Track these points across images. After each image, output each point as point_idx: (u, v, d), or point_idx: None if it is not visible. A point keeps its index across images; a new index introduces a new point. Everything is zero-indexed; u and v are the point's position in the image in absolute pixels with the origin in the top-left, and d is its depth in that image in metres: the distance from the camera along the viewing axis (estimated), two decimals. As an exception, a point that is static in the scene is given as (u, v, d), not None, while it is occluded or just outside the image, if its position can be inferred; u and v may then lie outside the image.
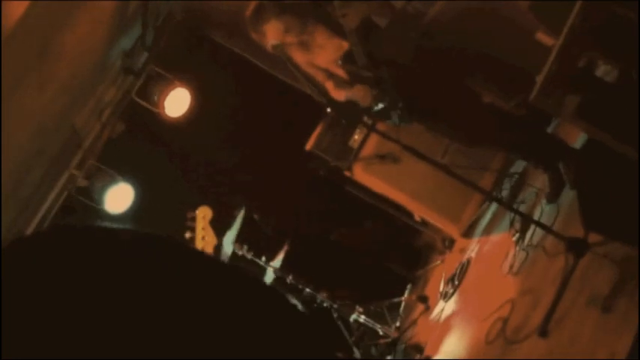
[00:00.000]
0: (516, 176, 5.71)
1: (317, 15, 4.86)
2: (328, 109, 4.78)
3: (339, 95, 4.76)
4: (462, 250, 6.10)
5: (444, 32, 4.82)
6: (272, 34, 4.69)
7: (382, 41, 4.66)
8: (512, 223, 5.24)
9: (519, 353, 4.34)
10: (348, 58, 4.70)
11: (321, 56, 4.85)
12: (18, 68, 4.17)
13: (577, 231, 4.25)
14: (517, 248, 5.02)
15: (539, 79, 3.50)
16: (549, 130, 5.26)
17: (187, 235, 5.48)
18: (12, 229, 5.52)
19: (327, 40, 4.85)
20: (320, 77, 4.83)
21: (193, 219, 5.50)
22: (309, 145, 6.16)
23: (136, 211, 6.15)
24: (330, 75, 4.77)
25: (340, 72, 4.81)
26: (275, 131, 6.79)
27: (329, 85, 4.79)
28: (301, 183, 6.73)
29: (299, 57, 4.86)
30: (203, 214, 5.53)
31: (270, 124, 6.83)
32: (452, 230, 6.23)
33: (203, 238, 5.48)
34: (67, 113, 5.46)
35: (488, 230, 5.88)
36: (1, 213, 5.01)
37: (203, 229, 5.49)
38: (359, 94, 4.64)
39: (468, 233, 6.13)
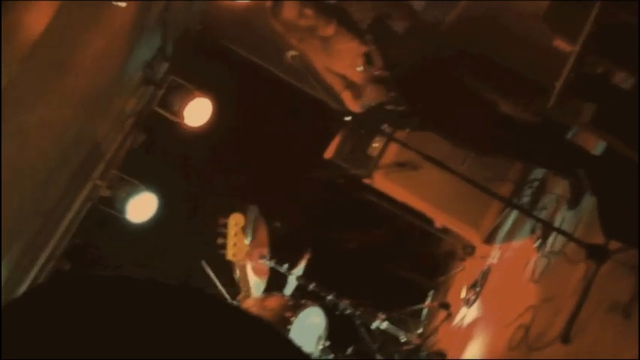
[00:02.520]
0: (536, 183, 5.69)
1: (333, 13, 4.88)
2: (347, 118, 4.80)
3: (356, 106, 4.77)
4: (483, 257, 6.08)
5: (458, 42, 4.83)
6: (288, 12, 4.72)
7: (396, 46, 4.67)
8: (533, 230, 5.23)
9: (542, 359, 4.33)
10: (366, 61, 4.72)
11: (339, 61, 4.87)
12: (39, 83, 4.22)
13: (598, 237, 4.23)
14: (538, 255, 5.01)
15: (557, 86, 3.50)
16: (569, 136, 5.24)
17: (219, 241, 5.55)
18: (37, 239, 5.57)
19: (345, 44, 4.87)
20: (338, 86, 4.84)
21: (225, 226, 5.57)
22: (328, 154, 6.17)
23: (159, 220, 6.19)
24: (348, 84, 4.78)
25: (358, 78, 4.82)
26: (295, 139, 6.81)
27: (346, 96, 4.81)
28: (322, 191, 6.74)
29: (317, 62, 4.88)
30: (235, 221, 5.60)
31: (290, 133, 6.86)
32: (473, 237, 6.22)
33: (235, 245, 5.54)
34: (89, 125, 5.51)
35: (509, 237, 5.87)
36: (29, 222, 5.07)
37: (235, 235, 5.56)
38: (372, 95, 4.65)
39: (489, 240, 6.12)
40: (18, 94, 3.93)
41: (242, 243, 5.58)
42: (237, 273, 5.58)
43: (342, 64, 4.84)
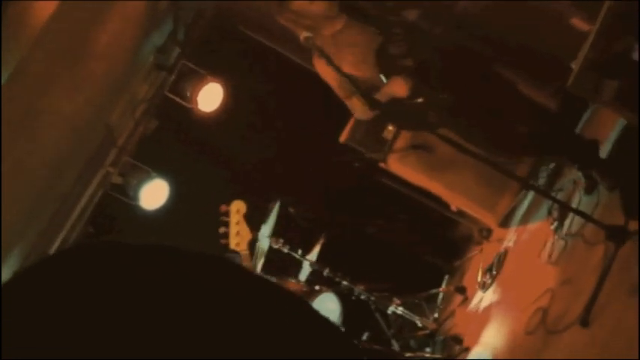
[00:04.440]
0: (553, 165, 5.64)
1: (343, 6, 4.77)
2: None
3: (365, 115, 4.68)
4: (500, 240, 6.04)
5: (474, 21, 4.76)
6: (296, 5, 4.63)
7: (415, 35, 4.58)
8: (550, 212, 5.19)
9: (560, 343, 4.30)
10: (382, 52, 4.62)
11: (350, 57, 4.72)
12: (50, 69, 4.19)
13: (617, 219, 4.19)
14: (555, 237, 4.97)
15: (576, 64, 3.45)
16: (587, 114, 5.18)
17: (221, 230, 5.44)
18: (51, 226, 5.57)
19: (356, 37, 4.76)
20: (344, 92, 4.73)
21: (227, 213, 5.47)
22: (343, 137, 6.13)
23: (172, 207, 6.18)
24: (357, 87, 4.60)
25: (371, 76, 4.68)
26: (308, 124, 6.77)
27: (354, 103, 4.68)
28: (336, 176, 6.70)
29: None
30: (237, 209, 5.49)
31: (302, 117, 6.82)
32: (489, 220, 6.18)
33: (238, 233, 5.44)
34: (101, 111, 5.49)
35: (525, 219, 5.82)
36: (43, 208, 5.06)
37: (237, 223, 5.45)
38: (395, 86, 4.56)
39: (505, 223, 6.08)
40: (29, 81, 3.91)
41: (246, 231, 5.47)
42: (243, 262, 5.47)
43: (353, 59, 4.70)
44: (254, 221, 5.92)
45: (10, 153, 4.12)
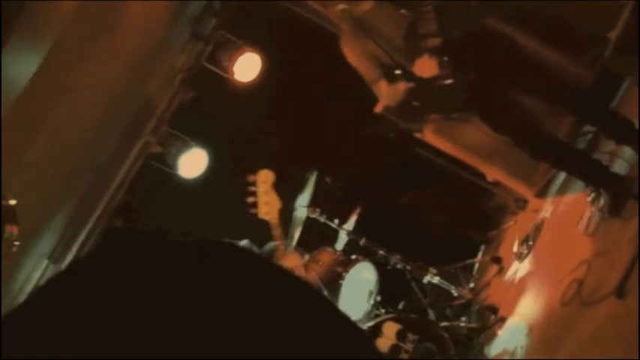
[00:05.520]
0: (590, 135, 5.58)
1: None
2: (397, 71, 4.66)
3: (392, 100, 4.62)
4: (536, 211, 6.01)
5: None
6: None
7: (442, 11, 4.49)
8: (587, 184, 5.14)
9: (596, 315, 4.29)
10: (410, 32, 4.53)
11: (377, 38, 4.64)
12: (87, 41, 4.23)
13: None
14: (592, 209, 4.93)
15: (613, 36, 3.41)
16: (623, 87, 5.10)
17: (250, 199, 5.45)
18: (90, 196, 5.65)
19: (385, 18, 4.68)
20: (372, 75, 4.65)
21: (254, 183, 5.47)
22: (378, 108, 6.12)
23: (210, 176, 6.23)
24: (385, 71, 4.55)
25: (399, 56, 4.60)
26: (345, 94, 6.76)
27: (381, 87, 4.63)
28: (372, 146, 6.70)
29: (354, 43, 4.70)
30: (264, 178, 5.47)
31: (338, 87, 6.81)
32: (525, 191, 6.15)
33: (267, 202, 5.44)
34: (139, 82, 5.54)
35: (562, 190, 5.78)
36: (82, 178, 5.13)
37: (265, 192, 5.44)
38: (424, 65, 4.47)
39: (541, 193, 6.04)
40: (66, 54, 3.95)
41: (275, 200, 5.47)
42: (274, 231, 5.48)
43: (380, 40, 4.63)
44: (291, 191, 5.96)
45: (50, 125, 4.18)
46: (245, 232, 5.82)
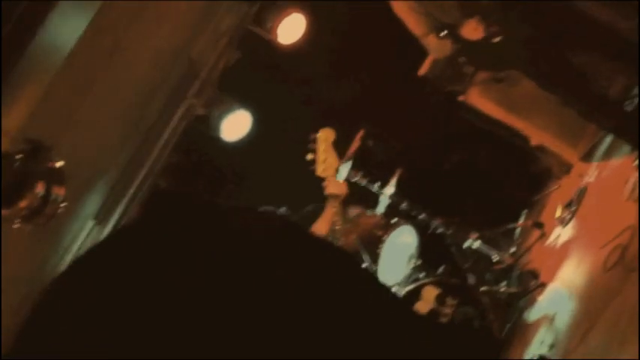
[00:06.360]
0: (637, 99, 5.51)
1: None
2: (443, 33, 4.64)
3: (440, 53, 4.59)
4: (580, 175, 5.97)
5: None
6: None
7: None
8: (633, 148, 5.09)
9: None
10: None
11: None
12: (136, 1, 4.26)
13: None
14: (638, 174, 4.88)
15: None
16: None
17: (309, 156, 5.55)
18: (136, 156, 5.71)
19: None
20: (421, 29, 4.65)
21: (315, 141, 5.56)
22: (422, 70, 6.09)
23: (254, 138, 6.26)
24: (435, 25, 4.56)
25: (448, 16, 4.58)
26: (389, 57, 6.73)
27: (431, 41, 4.62)
28: (415, 109, 6.68)
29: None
30: (325, 137, 5.58)
31: (383, 50, 6.78)
32: (569, 155, 6.10)
33: (325, 160, 5.53)
34: (184, 44, 5.56)
35: (607, 155, 5.73)
36: (124, 141, 5.19)
37: (325, 151, 5.54)
38: (470, 28, 4.46)
39: (586, 158, 5.99)
40: (114, 15, 3.99)
41: (333, 158, 5.57)
42: (328, 189, 5.58)
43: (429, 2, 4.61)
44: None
45: (99, 86, 4.23)
46: (285, 197, 5.90)
